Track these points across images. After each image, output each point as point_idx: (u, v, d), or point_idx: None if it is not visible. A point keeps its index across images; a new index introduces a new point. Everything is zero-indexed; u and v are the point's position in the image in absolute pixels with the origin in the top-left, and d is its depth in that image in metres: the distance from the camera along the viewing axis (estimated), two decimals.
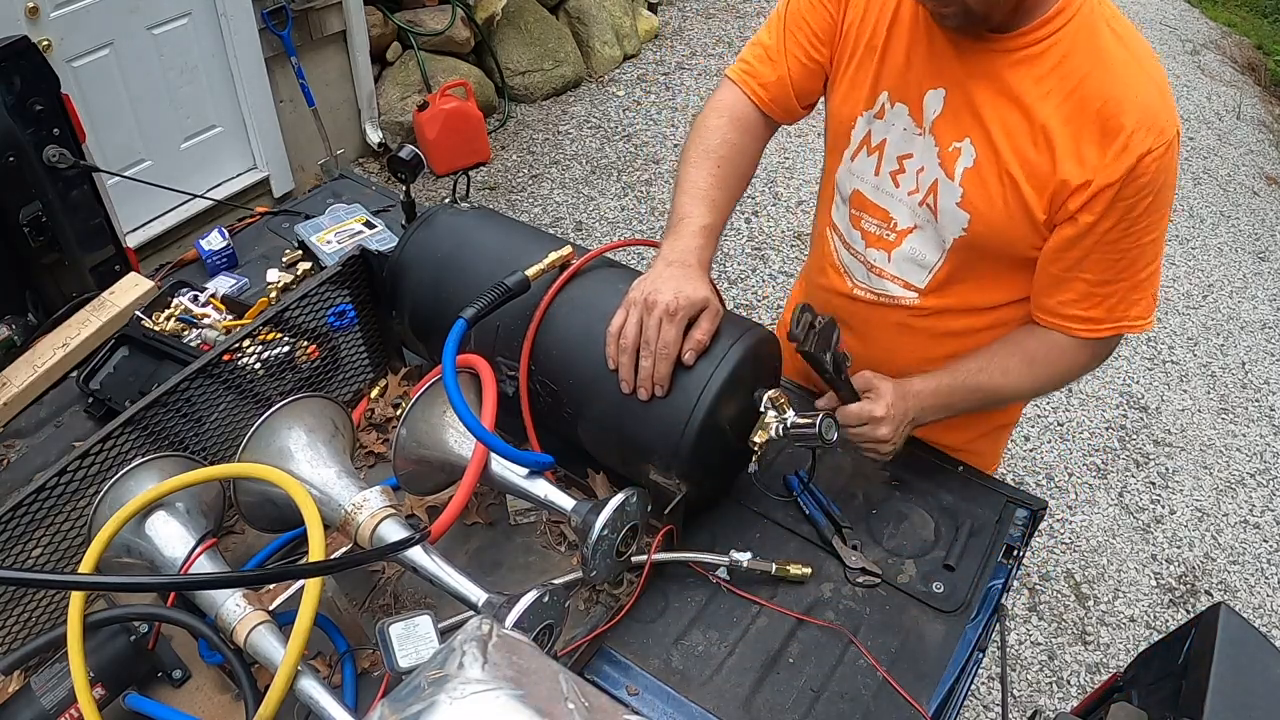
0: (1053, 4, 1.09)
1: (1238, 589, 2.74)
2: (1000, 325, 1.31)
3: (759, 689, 1.10)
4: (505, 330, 1.23)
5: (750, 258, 3.84)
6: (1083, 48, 1.09)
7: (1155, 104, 1.07)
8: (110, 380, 1.47)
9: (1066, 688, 2.44)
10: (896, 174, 1.26)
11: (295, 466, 1.08)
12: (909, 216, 1.27)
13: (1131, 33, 1.12)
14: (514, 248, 1.29)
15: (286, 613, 0.98)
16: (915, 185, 1.24)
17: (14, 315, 1.54)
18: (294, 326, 1.34)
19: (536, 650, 0.72)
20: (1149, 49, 1.13)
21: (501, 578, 1.21)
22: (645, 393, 1.11)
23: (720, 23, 5.76)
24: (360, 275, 1.37)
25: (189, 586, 0.99)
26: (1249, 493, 3.05)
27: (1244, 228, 4.63)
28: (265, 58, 3.52)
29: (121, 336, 1.52)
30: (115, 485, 1.06)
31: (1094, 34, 1.09)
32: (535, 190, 4.19)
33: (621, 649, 1.13)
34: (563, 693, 0.66)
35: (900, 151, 1.25)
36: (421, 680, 0.66)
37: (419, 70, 4.23)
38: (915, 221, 1.27)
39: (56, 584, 1.00)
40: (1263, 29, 6.82)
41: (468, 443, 1.14)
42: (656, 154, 4.47)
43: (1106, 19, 1.11)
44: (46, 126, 1.55)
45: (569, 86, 4.90)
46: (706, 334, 1.11)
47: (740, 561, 1.17)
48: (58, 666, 0.96)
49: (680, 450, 1.11)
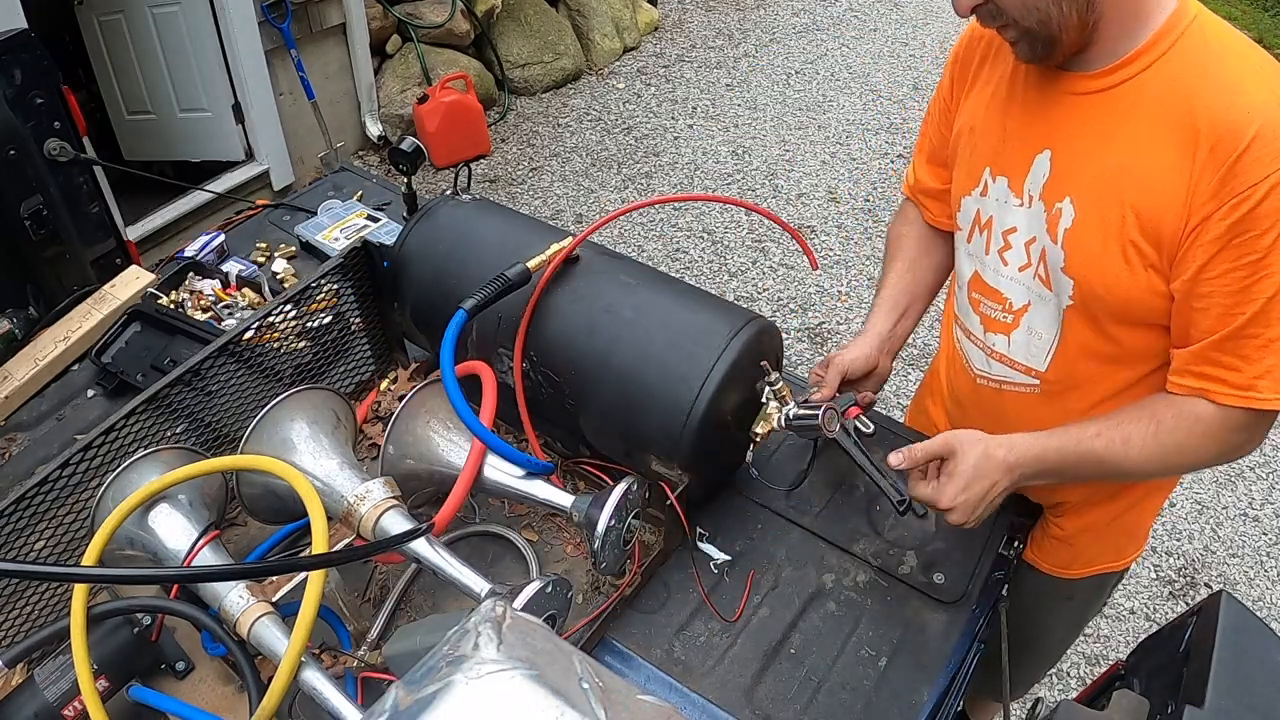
0: (1145, 33, 0.99)
1: (1237, 581, 2.74)
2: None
3: (761, 679, 1.10)
4: (506, 322, 1.23)
5: (751, 250, 3.84)
6: (1191, 69, 0.97)
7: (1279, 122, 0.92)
8: (122, 355, 1.49)
9: (1066, 679, 2.45)
10: (1003, 250, 1.18)
11: (298, 458, 1.08)
12: (1023, 294, 1.17)
13: (1248, 45, 1.00)
14: (515, 240, 1.28)
15: (290, 604, 0.98)
16: (1026, 259, 1.15)
17: (15, 308, 1.54)
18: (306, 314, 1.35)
19: (550, 632, 0.72)
20: (1271, 61, 1.00)
21: (506, 567, 1.22)
22: None
23: (720, 15, 5.75)
24: (362, 267, 1.37)
25: (192, 579, 0.99)
26: (1248, 485, 3.05)
27: None
28: (265, 50, 3.51)
29: (134, 312, 1.54)
30: (118, 478, 1.06)
31: (1202, 50, 0.98)
32: (535, 183, 4.19)
33: (624, 639, 1.14)
34: (577, 673, 0.66)
35: (1004, 226, 1.17)
36: (437, 661, 0.66)
37: (419, 63, 4.22)
38: (1029, 299, 1.17)
39: (60, 577, 1.00)
40: (1264, 22, 6.80)
41: (458, 451, 1.15)
42: (656, 146, 4.46)
43: (1217, 34, 0.99)
44: (47, 119, 1.55)
45: (569, 79, 4.89)
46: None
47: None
48: (61, 659, 0.96)
49: (682, 441, 1.11)
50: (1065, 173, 1.08)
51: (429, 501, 1.18)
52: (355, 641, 1.10)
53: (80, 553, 1.04)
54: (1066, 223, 1.07)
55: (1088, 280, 1.08)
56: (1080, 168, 1.06)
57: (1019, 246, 1.15)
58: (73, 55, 3.53)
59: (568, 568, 1.22)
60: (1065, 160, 1.08)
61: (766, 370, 1.10)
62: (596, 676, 0.67)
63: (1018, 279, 1.17)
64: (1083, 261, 1.08)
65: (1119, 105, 1.01)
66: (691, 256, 3.80)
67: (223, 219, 1.95)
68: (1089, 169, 1.05)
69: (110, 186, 2.19)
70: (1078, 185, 1.06)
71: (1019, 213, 1.14)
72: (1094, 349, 1.14)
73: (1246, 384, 0.99)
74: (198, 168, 3.67)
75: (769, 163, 4.39)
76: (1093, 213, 1.05)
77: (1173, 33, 0.98)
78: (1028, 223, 1.13)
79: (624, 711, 0.65)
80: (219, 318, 1.59)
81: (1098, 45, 1.01)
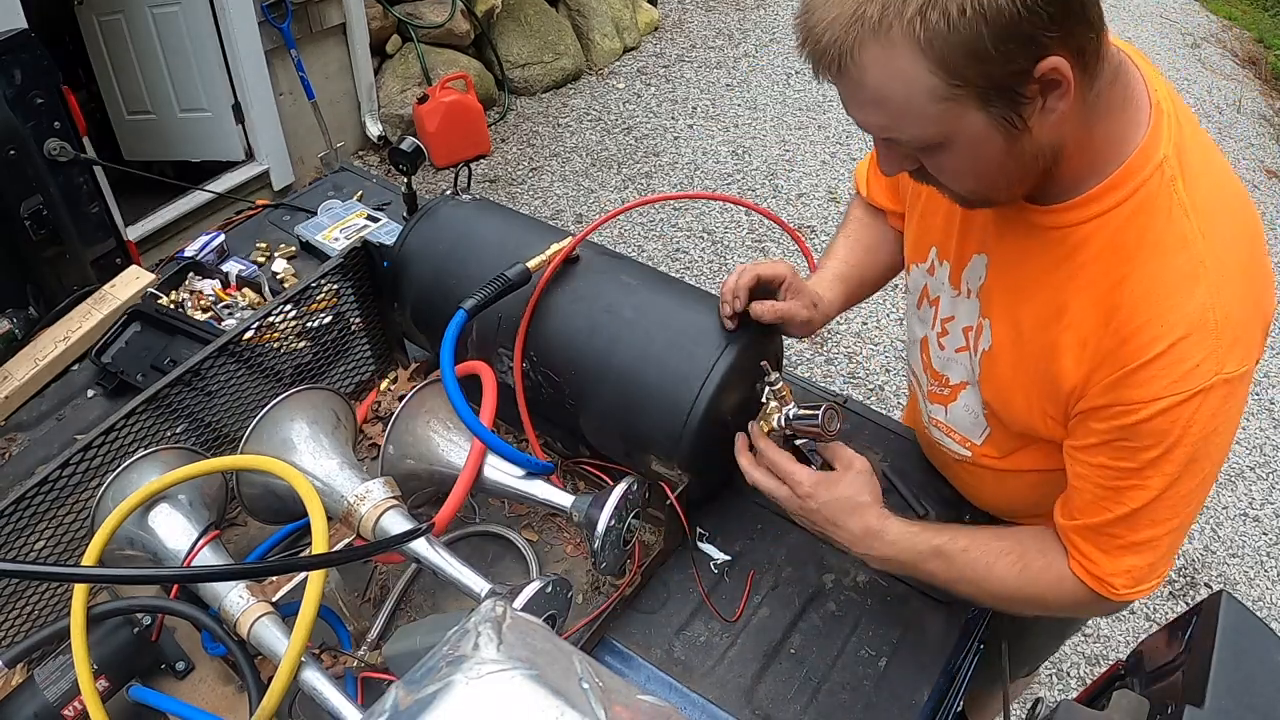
0: (1107, 172, 0.85)
1: (1237, 581, 2.74)
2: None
3: (761, 679, 1.10)
4: (506, 322, 1.23)
5: (751, 250, 3.83)
6: (1135, 239, 0.85)
7: (1196, 343, 0.82)
8: (122, 355, 1.49)
9: (1067, 679, 2.45)
10: (941, 336, 1.12)
11: (298, 458, 1.08)
12: (961, 373, 1.10)
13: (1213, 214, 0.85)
14: (515, 239, 1.28)
15: (290, 604, 0.98)
16: (964, 342, 1.08)
17: (15, 308, 1.54)
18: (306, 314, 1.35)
19: (550, 632, 0.72)
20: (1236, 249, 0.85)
21: (506, 567, 1.22)
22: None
23: (720, 15, 5.75)
24: (362, 267, 1.37)
25: (192, 579, 0.99)
26: (1248, 485, 3.05)
27: None
28: (265, 50, 3.51)
29: (134, 312, 1.54)
30: (118, 478, 1.06)
31: (1152, 221, 0.84)
32: (535, 182, 4.19)
33: (624, 639, 1.14)
34: (577, 673, 0.66)
35: (944, 314, 1.11)
36: (437, 661, 0.66)
37: (419, 63, 4.22)
38: (966, 378, 1.10)
39: (60, 577, 1.00)
40: (1264, 22, 6.80)
41: (458, 451, 1.15)
42: (656, 146, 4.46)
43: (1182, 203, 0.83)
44: (47, 119, 1.55)
45: (569, 79, 4.89)
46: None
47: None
48: (61, 659, 0.96)
49: (682, 441, 1.11)
50: (993, 290, 1.01)
51: (429, 501, 1.18)
52: (355, 641, 1.10)
53: (80, 553, 1.04)
54: (984, 344, 1.03)
55: (995, 403, 1.05)
56: (1006, 297, 0.99)
57: (956, 333, 1.09)
58: (73, 55, 3.53)
59: (568, 568, 1.22)
60: (996, 277, 1.00)
61: (766, 370, 1.10)
62: (596, 676, 0.67)
63: (955, 359, 1.11)
64: (992, 389, 1.04)
65: (1058, 249, 0.90)
66: (691, 256, 3.80)
67: (223, 219, 1.95)
68: (1015, 302, 0.98)
69: (110, 186, 2.18)
70: (1000, 312, 1.00)
71: (958, 303, 1.08)
72: (1021, 444, 1.08)
73: (1104, 575, 0.95)
74: (198, 168, 3.66)
75: (769, 163, 4.39)
76: (1007, 346, 1.00)
77: (1132, 179, 0.85)
78: (966, 313, 1.07)
79: (624, 711, 0.65)
80: (219, 318, 1.59)
81: (1052, 187, 0.89)
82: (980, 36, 0.71)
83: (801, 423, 1.07)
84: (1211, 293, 0.82)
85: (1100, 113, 0.82)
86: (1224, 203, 0.87)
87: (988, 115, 0.77)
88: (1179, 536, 0.95)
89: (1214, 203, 0.86)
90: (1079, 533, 0.96)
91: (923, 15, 0.71)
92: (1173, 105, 0.87)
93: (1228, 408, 0.85)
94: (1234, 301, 0.83)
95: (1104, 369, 0.87)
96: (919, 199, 1.12)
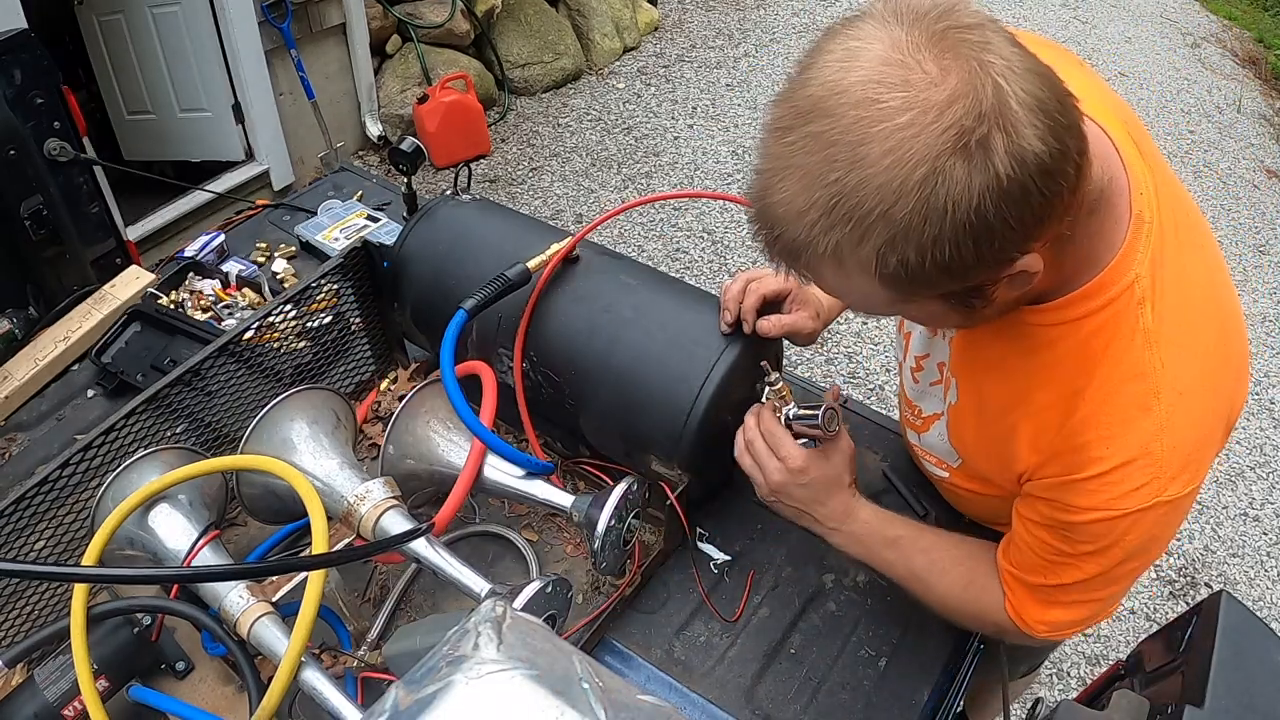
0: (1080, 282, 0.83)
1: (1237, 581, 2.74)
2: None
3: (761, 679, 1.10)
4: (506, 322, 1.23)
5: (751, 250, 3.83)
6: (1099, 352, 0.84)
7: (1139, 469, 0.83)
8: (122, 355, 1.49)
9: (1067, 679, 2.45)
10: (915, 370, 1.13)
11: (298, 458, 1.08)
12: (935, 404, 1.10)
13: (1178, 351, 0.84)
14: (515, 240, 1.28)
15: (290, 604, 0.98)
16: (938, 376, 1.08)
17: (15, 308, 1.54)
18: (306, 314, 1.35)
19: (550, 632, 0.72)
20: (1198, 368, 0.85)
21: (506, 567, 1.22)
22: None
23: (720, 15, 5.75)
24: (362, 267, 1.37)
25: (192, 579, 0.99)
26: (1249, 485, 3.05)
27: (1244, 221, 4.62)
28: (265, 50, 3.51)
29: (134, 312, 1.54)
30: (118, 478, 1.06)
31: (1113, 340, 0.84)
32: (536, 182, 4.19)
33: (624, 639, 1.14)
34: (577, 673, 0.66)
35: (918, 351, 1.12)
36: (437, 661, 0.66)
37: (419, 63, 4.22)
38: (939, 410, 1.09)
39: (60, 577, 1.00)
40: (1264, 22, 6.80)
41: (458, 451, 1.15)
42: (656, 146, 4.46)
43: (1146, 330, 0.83)
44: (47, 119, 1.55)
45: (569, 79, 4.89)
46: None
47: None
48: (61, 659, 0.96)
49: (682, 441, 1.11)
50: (964, 348, 1.01)
51: (429, 501, 1.18)
52: (355, 641, 1.10)
53: (80, 553, 1.04)
54: (951, 398, 1.03)
55: (961, 451, 1.06)
56: (975, 365, 0.99)
57: (931, 368, 1.09)
58: (73, 55, 3.53)
59: (568, 568, 1.22)
60: (967, 340, 1.00)
61: (766, 370, 1.10)
62: (596, 676, 0.67)
63: (930, 391, 1.11)
64: (957, 440, 1.06)
65: (1028, 341, 0.89)
66: (691, 256, 3.80)
67: (223, 219, 1.95)
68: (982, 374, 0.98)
69: (110, 186, 2.18)
70: (966, 378, 1.01)
71: (934, 342, 1.08)
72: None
73: (1029, 620, 0.98)
74: (198, 168, 3.66)
75: None
76: (971, 412, 1.01)
77: (1103, 294, 0.83)
78: (940, 351, 1.07)
79: (624, 711, 0.65)
80: (219, 318, 1.59)
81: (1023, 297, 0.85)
82: (938, 279, 0.71)
83: (802, 423, 1.07)
84: (1159, 426, 0.82)
85: (1075, 244, 0.80)
86: (1191, 321, 0.86)
87: (946, 305, 0.78)
88: (1112, 606, 0.99)
89: (1179, 332, 0.84)
90: (1016, 580, 0.99)
91: (879, 257, 0.69)
92: (1155, 211, 0.84)
93: (1168, 521, 0.87)
94: (1186, 429, 0.84)
95: (1052, 466, 0.88)
96: None
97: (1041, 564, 0.94)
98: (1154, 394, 0.83)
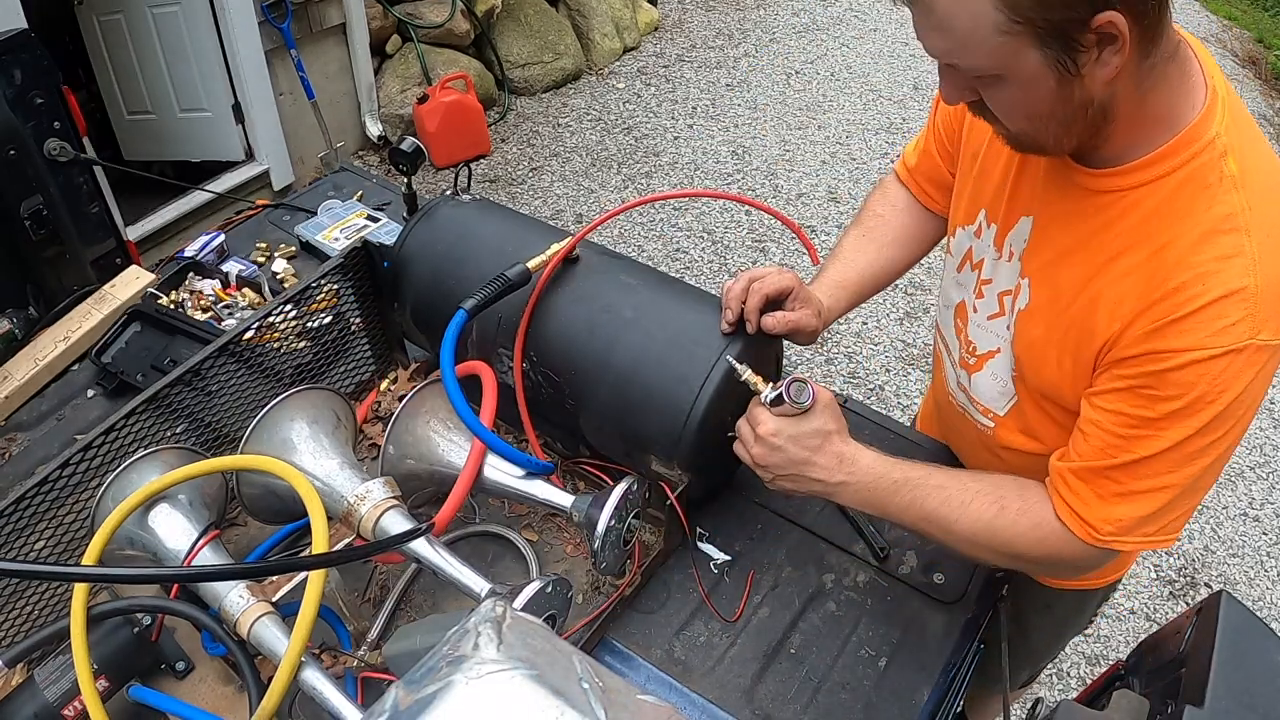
0: (1162, 141, 0.89)
1: (1237, 581, 2.74)
2: None
3: (761, 679, 1.10)
4: (506, 322, 1.23)
5: (751, 250, 3.84)
6: (1183, 208, 0.88)
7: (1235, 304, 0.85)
8: (122, 355, 1.49)
9: (1067, 679, 2.45)
10: (978, 299, 1.15)
11: (298, 458, 1.08)
12: (990, 340, 1.13)
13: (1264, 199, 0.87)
14: (515, 240, 1.28)
15: (290, 604, 0.98)
16: (998, 308, 1.10)
17: (15, 308, 1.54)
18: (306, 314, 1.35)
19: (550, 632, 0.72)
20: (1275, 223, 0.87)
21: (506, 567, 1.22)
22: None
23: (720, 15, 5.75)
24: (362, 267, 1.37)
25: (193, 579, 0.99)
26: (1249, 485, 3.05)
27: None
28: (265, 50, 3.52)
29: (134, 312, 1.54)
30: (118, 478, 1.06)
31: (1200, 192, 0.88)
32: (536, 183, 4.19)
33: (624, 639, 1.14)
34: (577, 673, 0.66)
35: (983, 276, 1.13)
36: (437, 661, 0.66)
37: (419, 63, 4.22)
38: (997, 344, 1.12)
39: (60, 577, 1.00)
40: (1264, 22, 6.80)
41: (458, 451, 1.15)
42: (656, 146, 4.46)
43: (1231, 176, 0.87)
44: (47, 119, 1.55)
45: (569, 79, 4.89)
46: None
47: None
48: (61, 659, 0.96)
49: (682, 441, 1.11)
50: (1036, 250, 1.03)
51: (429, 501, 1.18)
52: (355, 641, 1.10)
53: (80, 553, 1.04)
54: (1021, 303, 1.05)
55: (1026, 360, 1.07)
56: (1048, 258, 1.02)
57: (991, 298, 1.11)
58: (73, 55, 3.53)
59: (568, 568, 1.22)
60: (1040, 239, 1.03)
61: (733, 367, 1.09)
62: (596, 676, 0.67)
63: (986, 326, 1.13)
64: (1024, 346, 1.06)
65: (1105, 212, 0.94)
66: (691, 256, 3.80)
67: (223, 219, 1.95)
68: (1056, 263, 1.00)
69: (110, 186, 2.18)
70: (1040, 273, 1.03)
71: (999, 266, 1.10)
72: (1046, 411, 1.10)
73: (1090, 519, 0.96)
74: (198, 168, 3.67)
75: (769, 163, 4.39)
76: (1043, 305, 1.02)
77: (1184, 151, 0.88)
78: (1005, 277, 1.09)
79: (624, 711, 0.65)
80: (219, 318, 1.59)
81: (1103, 150, 0.93)
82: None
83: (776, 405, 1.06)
84: (1253, 262, 0.85)
85: (1155, 83, 0.86)
86: (1273, 169, 0.91)
87: (1043, 55, 0.81)
88: (1177, 506, 0.95)
89: (1263, 179, 0.89)
90: (1077, 474, 0.97)
91: None
92: (1227, 93, 0.91)
93: (1257, 376, 0.87)
94: (1276, 273, 0.86)
95: (1141, 321, 0.90)
96: (975, 160, 1.14)
97: (1114, 440, 0.93)
98: (1245, 232, 0.86)
